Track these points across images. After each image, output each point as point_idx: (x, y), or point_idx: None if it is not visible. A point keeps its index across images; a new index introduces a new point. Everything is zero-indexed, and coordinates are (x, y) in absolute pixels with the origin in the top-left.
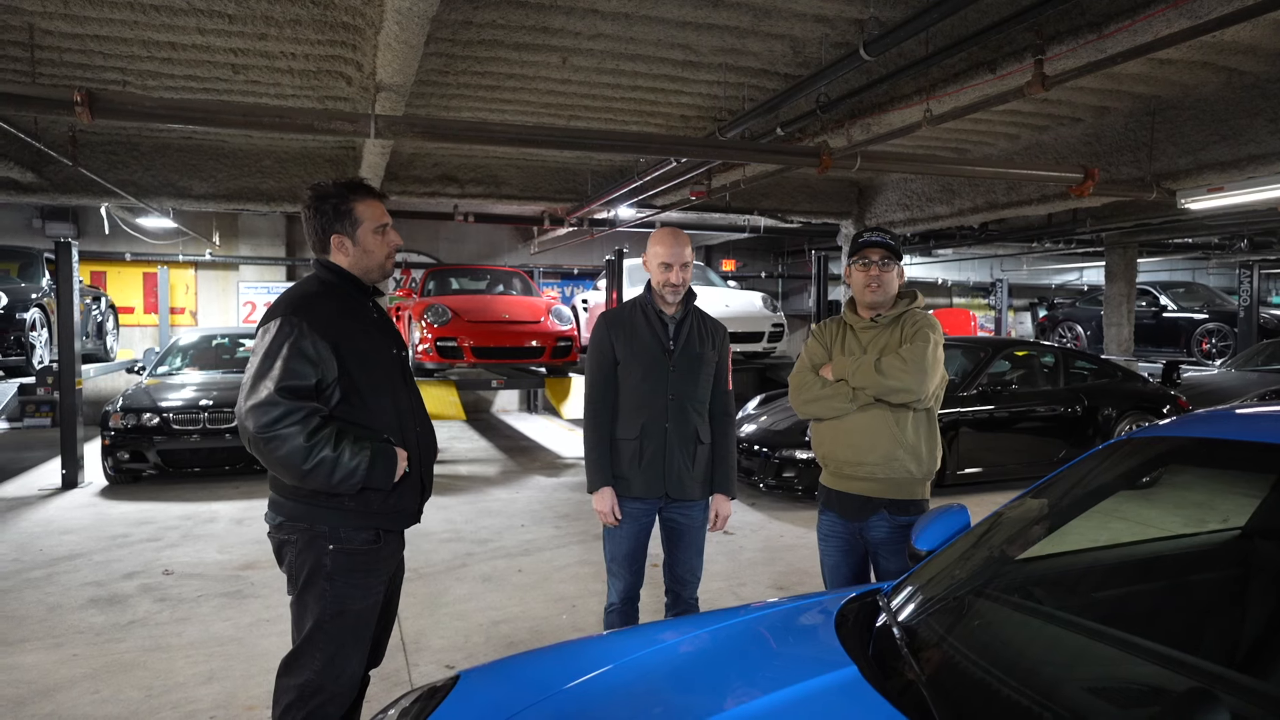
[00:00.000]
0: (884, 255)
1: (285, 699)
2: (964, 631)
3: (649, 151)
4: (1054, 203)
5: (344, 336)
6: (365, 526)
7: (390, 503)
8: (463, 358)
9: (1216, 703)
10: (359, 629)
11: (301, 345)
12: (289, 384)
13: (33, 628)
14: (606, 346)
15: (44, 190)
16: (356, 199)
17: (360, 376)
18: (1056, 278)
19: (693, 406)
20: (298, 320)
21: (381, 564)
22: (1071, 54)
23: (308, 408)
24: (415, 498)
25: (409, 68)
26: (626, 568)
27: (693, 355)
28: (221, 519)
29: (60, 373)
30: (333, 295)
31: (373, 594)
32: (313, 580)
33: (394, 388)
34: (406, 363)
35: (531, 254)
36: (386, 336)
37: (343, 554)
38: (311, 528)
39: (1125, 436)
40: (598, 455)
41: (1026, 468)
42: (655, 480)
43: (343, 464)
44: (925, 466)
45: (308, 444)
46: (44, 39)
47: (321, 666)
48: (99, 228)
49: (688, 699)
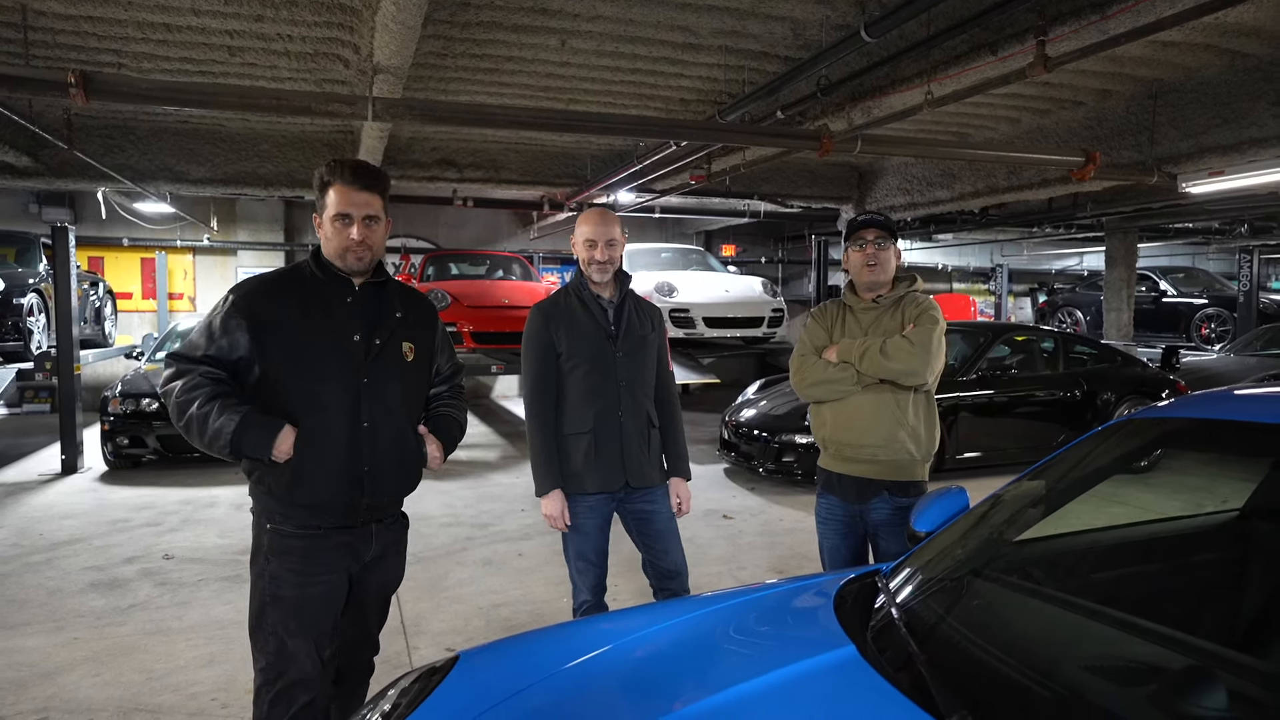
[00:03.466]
0: (879, 235)
1: (256, 681)
2: (963, 612)
3: (648, 135)
4: (1055, 187)
5: (273, 319)
6: (289, 514)
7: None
8: (462, 343)
9: (1214, 681)
10: (302, 617)
11: (213, 319)
12: (182, 350)
13: (33, 611)
14: (546, 339)
15: (39, 174)
16: (335, 181)
17: (284, 361)
18: (1056, 263)
19: (643, 391)
20: (232, 296)
21: (323, 555)
22: (1074, 35)
23: (194, 370)
24: (339, 492)
25: (407, 49)
26: (596, 563)
27: (636, 338)
28: (222, 504)
29: (58, 358)
30: (293, 279)
31: (314, 584)
32: (254, 558)
33: (340, 376)
34: (383, 354)
35: (531, 239)
36: (357, 324)
37: (277, 535)
38: (257, 503)
39: (1127, 417)
40: (546, 455)
41: (1025, 452)
42: (614, 472)
43: (210, 423)
44: (925, 447)
45: (179, 399)
46: (37, 20)
47: (275, 651)
48: (96, 213)
49: (687, 678)
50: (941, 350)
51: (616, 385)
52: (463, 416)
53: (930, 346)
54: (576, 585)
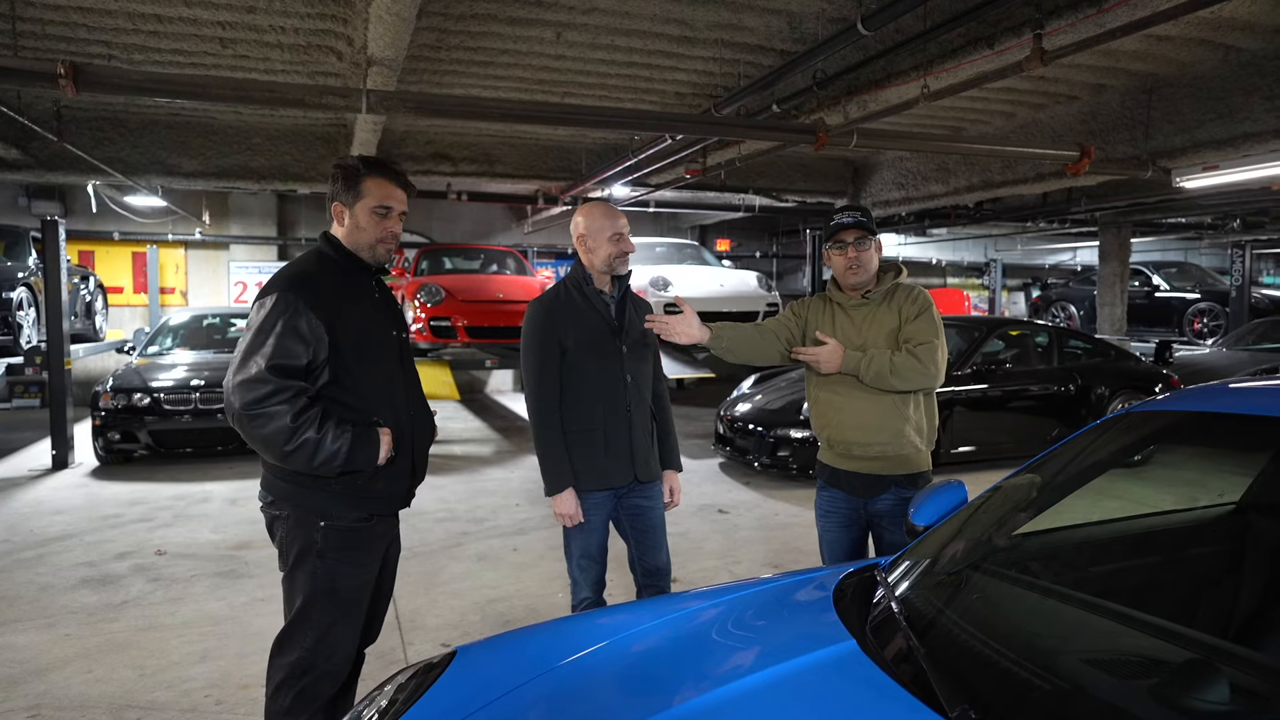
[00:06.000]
0: (859, 235)
1: (277, 676)
2: (963, 605)
3: (644, 128)
4: (1049, 181)
5: (339, 315)
6: (353, 508)
7: (378, 485)
8: (456, 337)
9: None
10: (350, 607)
11: (296, 323)
12: (280, 362)
13: (24, 608)
14: (550, 333)
15: (29, 167)
16: (372, 175)
17: (353, 357)
18: (1050, 258)
19: (646, 384)
20: (294, 297)
21: (374, 542)
22: (1070, 29)
23: (296, 387)
24: (403, 481)
25: (401, 41)
26: (599, 560)
27: (637, 332)
28: (215, 499)
29: (49, 353)
30: (332, 272)
31: (365, 571)
32: (303, 558)
33: (389, 369)
34: (406, 344)
35: (525, 233)
36: (387, 316)
37: (333, 531)
38: (302, 504)
39: (1125, 411)
40: (556, 453)
41: (1020, 446)
42: (624, 467)
43: (325, 447)
44: (927, 438)
45: (293, 424)
46: (25, 10)
47: (313, 644)
48: (86, 206)
49: (686, 674)
50: (945, 352)
51: (624, 380)
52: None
53: (937, 357)
54: (578, 582)
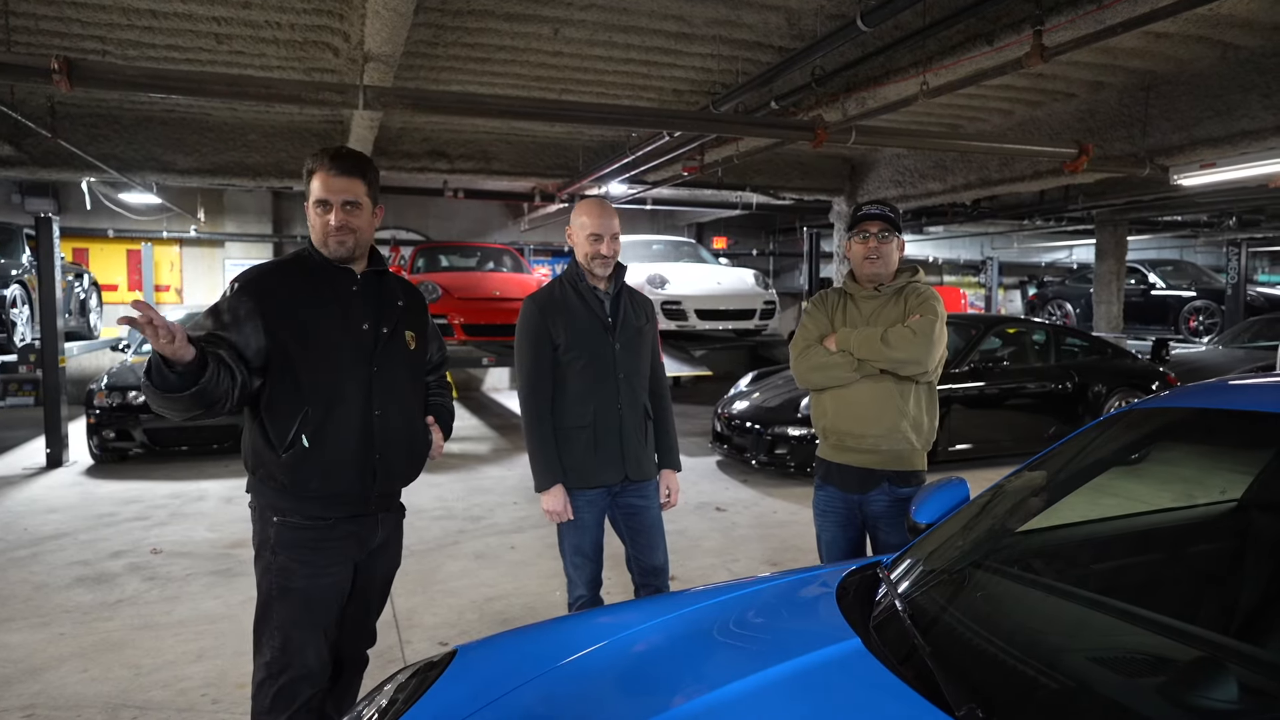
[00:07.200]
0: (883, 227)
1: (258, 676)
2: (967, 603)
3: (641, 125)
4: (1047, 179)
5: (284, 308)
6: (295, 502)
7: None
8: (453, 335)
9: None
10: (311, 609)
11: (220, 304)
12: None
13: (18, 607)
14: (542, 330)
15: (22, 164)
16: (318, 169)
17: (295, 350)
18: (1046, 256)
19: (639, 383)
20: (236, 285)
21: (333, 545)
22: (1070, 25)
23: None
24: (353, 482)
25: (398, 37)
26: (593, 558)
27: (632, 330)
28: (210, 497)
29: (43, 351)
30: (295, 267)
31: (324, 575)
32: (260, 551)
33: (349, 366)
34: (393, 344)
35: (522, 231)
36: (362, 312)
37: (285, 528)
38: (259, 498)
39: (1126, 408)
40: (545, 450)
41: (1017, 444)
42: (614, 466)
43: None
44: (924, 437)
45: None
46: (19, 5)
47: (280, 645)
48: (80, 203)
49: (687, 674)
50: (943, 339)
51: (616, 378)
52: (451, 406)
53: (932, 336)
54: (573, 580)
